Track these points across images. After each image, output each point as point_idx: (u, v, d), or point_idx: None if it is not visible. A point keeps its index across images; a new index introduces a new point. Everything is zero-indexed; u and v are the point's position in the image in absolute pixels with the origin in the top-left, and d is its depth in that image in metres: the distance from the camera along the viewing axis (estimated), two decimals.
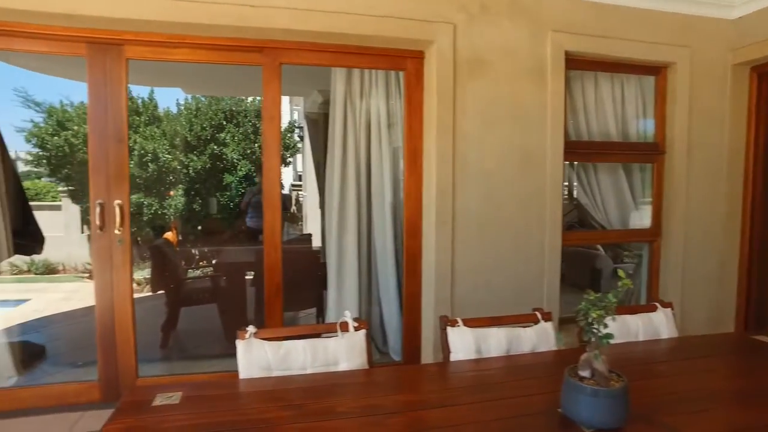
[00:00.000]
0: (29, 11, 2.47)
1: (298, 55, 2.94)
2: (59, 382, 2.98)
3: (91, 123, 2.75)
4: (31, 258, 8.83)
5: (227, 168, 9.85)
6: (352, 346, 1.88)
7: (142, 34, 2.73)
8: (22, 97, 10.65)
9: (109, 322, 2.84)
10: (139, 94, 9.94)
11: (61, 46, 2.70)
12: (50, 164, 9.51)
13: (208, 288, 4.72)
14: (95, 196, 2.75)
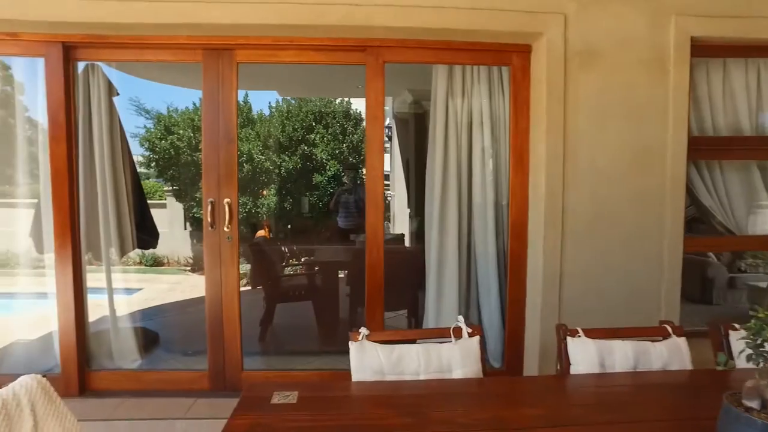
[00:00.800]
0: (160, 24, 2.64)
1: (400, 53, 2.91)
2: (174, 369, 3.17)
3: (205, 125, 2.89)
4: (143, 251, 9.61)
5: (316, 168, 10.14)
6: (466, 353, 1.80)
7: (252, 38, 2.82)
8: (136, 106, 11.67)
9: (218, 315, 2.97)
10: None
11: (182, 54, 2.87)
12: (158, 166, 10.30)
13: (304, 285, 4.85)
14: (207, 195, 2.89)
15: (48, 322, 3.31)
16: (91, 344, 3.19)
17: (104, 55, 2.97)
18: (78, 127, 3.00)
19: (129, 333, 3.59)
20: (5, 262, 4.57)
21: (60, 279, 2.93)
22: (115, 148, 3.24)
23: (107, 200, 3.15)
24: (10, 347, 3.55)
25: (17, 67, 3.66)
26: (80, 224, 3.00)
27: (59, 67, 2.85)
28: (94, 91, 3.21)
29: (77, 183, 2.98)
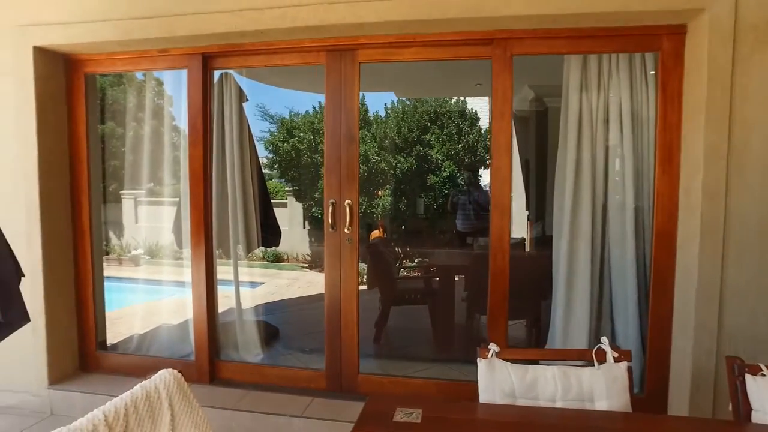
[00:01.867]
0: (287, 28, 2.70)
1: (530, 45, 2.68)
2: (293, 366, 3.25)
3: (327, 126, 2.91)
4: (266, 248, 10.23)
5: (431, 169, 10.05)
6: (611, 382, 1.55)
7: (374, 36, 2.78)
8: (261, 111, 12.53)
9: (336, 317, 2.98)
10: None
11: (307, 56, 2.92)
12: (280, 167, 10.92)
13: (420, 289, 4.77)
14: (328, 196, 2.90)
15: (186, 310, 3.59)
16: (220, 335, 3.38)
17: (237, 62, 3.13)
18: (212, 131, 3.19)
19: (253, 326, 3.77)
20: (154, 253, 5.09)
21: (195, 273, 3.14)
22: (244, 151, 3.41)
23: (236, 200, 3.32)
24: (157, 330, 3.89)
25: (168, 82, 4.05)
26: (212, 222, 3.19)
27: (199, 76, 3.05)
28: (227, 98, 3.40)
29: (211, 184, 3.17)
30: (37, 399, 3.18)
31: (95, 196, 3.37)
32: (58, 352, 3.23)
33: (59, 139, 3.21)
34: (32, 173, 3.04)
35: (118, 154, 4.18)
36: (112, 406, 1.23)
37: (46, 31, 2.99)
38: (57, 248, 3.20)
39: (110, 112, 5.65)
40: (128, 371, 3.32)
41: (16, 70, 3.05)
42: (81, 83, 3.24)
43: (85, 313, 3.34)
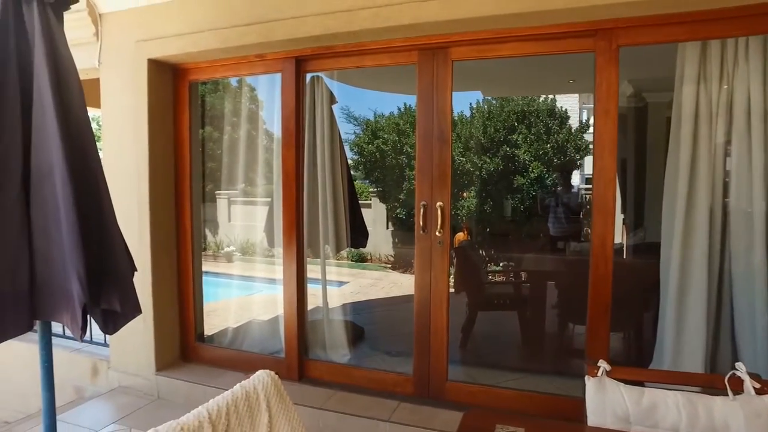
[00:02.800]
0: (379, 28, 2.67)
1: (641, 33, 2.45)
2: (380, 369, 3.22)
3: (420, 127, 2.86)
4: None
5: (518, 170, 9.70)
6: (753, 417, 1.35)
7: (468, 33, 2.68)
8: (346, 114, 12.80)
9: (425, 321, 2.91)
10: None
11: (399, 56, 2.89)
12: (365, 168, 11.06)
13: (509, 294, 4.59)
14: (420, 198, 2.85)
15: (275, 307, 3.70)
16: (308, 333, 3.44)
17: (329, 64, 3.17)
18: (304, 134, 3.25)
19: (340, 326, 3.81)
20: (245, 250, 5.33)
21: (286, 272, 3.22)
22: (334, 153, 3.45)
23: (327, 201, 3.37)
24: (248, 325, 4.06)
25: (259, 88, 4.22)
26: (303, 222, 3.25)
27: (292, 79, 3.12)
28: (318, 101, 3.46)
29: (303, 185, 3.24)
30: (147, 382, 3.43)
31: (196, 196, 3.57)
32: (163, 342, 3.45)
33: (166, 143, 3.43)
34: (144, 175, 3.29)
35: (214, 156, 4.41)
36: (215, 404, 1.25)
37: (159, 44, 3.21)
38: (163, 245, 3.43)
39: (207, 118, 6.04)
40: (223, 363, 3.48)
41: (133, 82, 3.30)
42: (186, 91, 3.44)
43: (186, 306, 3.55)
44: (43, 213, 1.90)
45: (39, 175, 1.90)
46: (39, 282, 1.90)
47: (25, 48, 1.95)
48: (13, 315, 1.86)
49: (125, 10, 3.33)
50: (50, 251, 1.88)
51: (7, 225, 1.85)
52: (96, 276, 1.89)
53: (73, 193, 1.84)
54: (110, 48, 3.40)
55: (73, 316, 1.85)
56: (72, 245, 1.82)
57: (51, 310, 1.92)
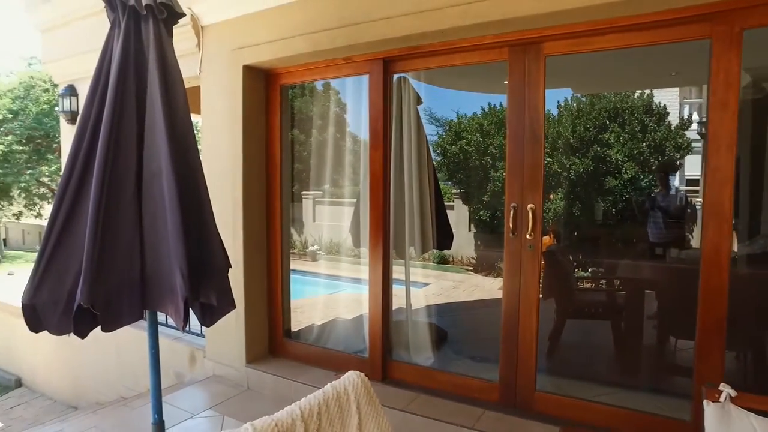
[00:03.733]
0: (469, 26, 2.61)
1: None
2: (464, 374, 3.14)
3: (510, 126, 2.76)
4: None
5: (610, 171, 9.14)
6: None
7: (563, 26, 2.54)
8: (428, 115, 12.74)
9: (514, 327, 2.80)
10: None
11: (488, 54, 2.81)
12: (448, 170, 10.95)
13: (601, 302, 4.31)
14: (510, 199, 2.74)
15: (358, 306, 3.73)
16: (392, 334, 3.44)
17: (416, 64, 3.14)
18: (391, 135, 3.26)
19: (423, 328, 3.78)
20: (328, 249, 5.46)
21: (372, 272, 3.23)
22: (421, 154, 3.43)
23: (413, 202, 3.35)
24: (332, 323, 4.14)
25: (344, 91, 4.30)
26: (390, 223, 3.26)
27: (380, 80, 3.14)
28: (405, 101, 3.45)
29: (390, 186, 3.24)
30: (238, 373, 3.60)
31: (285, 196, 3.70)
32: (253, 336, 3.61)
33: (259, 145, 3.59)
34: (238, 176, 3.46)
35: (299, 158, 4.56)
36: (307, 402, 1.26)
37: (253, 51, 3.36)
38: (254, 243, 3.59)
39: (293, 120, 6.27)
40: (308, 360, 3.57)
41: (229, 88, 3.49)
42: (277, 94, 3.58)
43: (275, 303, 3.69)
44: (152, 211, 2.05)
45: (149, 175, 2.05)
46: (148, 275, 2.05)
47: (141, 60, 2.11)
48: (128, 305, 2.02)
49: (223, 21, 3.52)
50: (158, 247, 2.02)
51: (124, 222, 2.01)
52: (196, 271, 2.00)
53: (177, 192, 1.97)
54: (210, 57, 3.61)
55: (177, 308, 1.97)
56: (176, 242, 1.94)
57: (158, 301, 2.06)
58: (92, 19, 4.71)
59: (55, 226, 2.03)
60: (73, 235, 2.02)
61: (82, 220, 2.01)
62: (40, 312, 2.04)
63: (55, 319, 2.04)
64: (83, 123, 2.09)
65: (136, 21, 2.17)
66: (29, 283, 2.04)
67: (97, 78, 2.14)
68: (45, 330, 2.07)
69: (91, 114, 2.08)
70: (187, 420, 3.16)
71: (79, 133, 2.09)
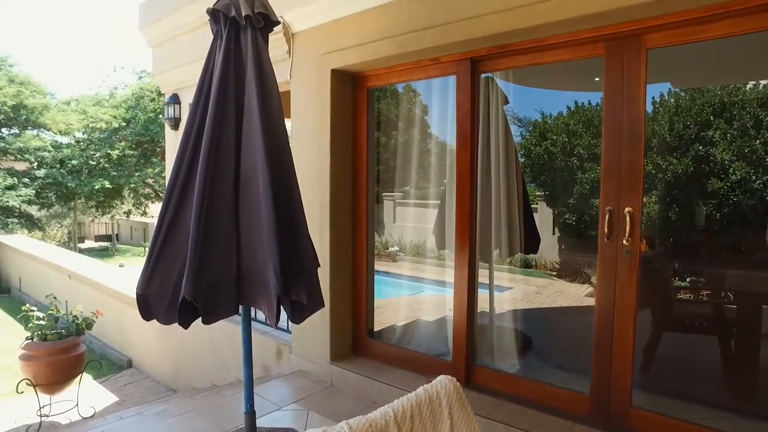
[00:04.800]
0: (562, 21, 2.50)
1: None
2: (552, 383, 3.01)
3: (606, 125, 2.61)
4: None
5: (714, 171, 8.37)
6: None
7: (669, 15, 2.36)
8: (510, 115, 12.39)
9: (607, 337, 2.64)
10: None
11: (582, 49, 2.68)
12: (532, 171, 10.59)
13: (706, 315, 3.96)
14: (605, 202, 2.59)
15: (440, 308, 3.70)
16: (476, 338, 3.37)
17: (505, 63, 3.06)
18: (478, 135, 3.20)
19: (507, 334, 3.67)
20: (408, 250, 5.47)
21: (457, 275, 3.19)
22: (508, 155, 3.34)
23: (500, 204, 3.26)
24: (413, 324, 4.15)
25: (426, 92, 4.28)
26: (476, 226, 3.20)
27: (468, 80, 3.09)
28: (492, 101, 3.37)
29: (477, 188, 3.18)
30: (322, 370, 3.71)
31: (371, 197, 3.75)
32: (338, 334, 3.70)
33: (345, 147, 3.67)
34: (326, 177, 3.56)
35: (380, 159, 4.60)
36: (400, 405, 1.26)
37: (341, 55, 3.45)
38: (340, 243, 3.67)
39: (377, 123, 6.36)
40: (390, 360, 3.59)
41: (318, 92, 3.61)
42: (364, 97, 3.64)
43: (359, 302, 3.75)
44: (247, 210, 2.16)
45: (246, 176, 2.17)
46: (244, 272, 2.16)
47: (240, 67, 2.23)
48: (225, 300, 2.15)
49: (313, 27, 3.64)
50: (253, 245, 2.13)
51: (223, 221, 2.13)
52: (288, 270, 2.08)
53: (272, 193, 2.06)
54: (299, 63, 3.75)
55: (270, 304, 2.06)
56: (270, 240, 2.03)
57: (252, 297, 2.17)
58: (195, 33, 5.08)
59: (163, 225, 2.20)
60: (179, 234, 2.18)
61: (186, 220, 2.16)
62: (151, 302, 2.22)
63: (163, 310, 2.22)
64: (188, 127, 2.25)
65: (236, 31, 2.31)
66: (141, 276, 2.23)
67: (201, 85, 2.30)
68: (154, 319, 2.25)
69: (195, 119, 2.24)
70: (274, 412, 3.30)
71: (184, 137, 2.26)
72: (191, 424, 3.34)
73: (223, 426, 3.14)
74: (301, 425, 3.09)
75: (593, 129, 7.93)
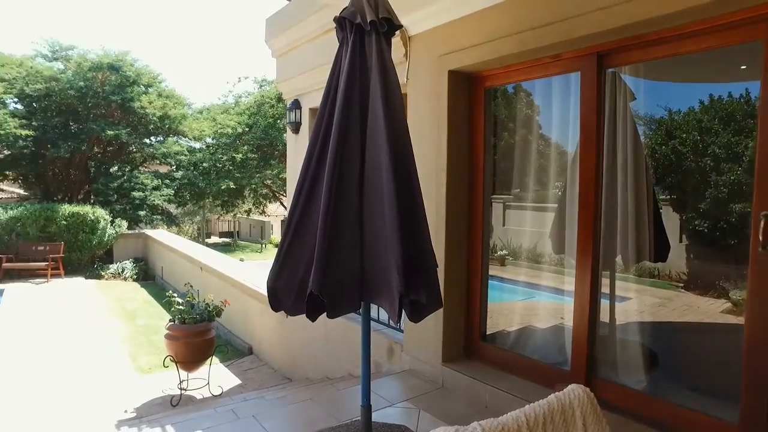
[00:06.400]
0: (706, 4, 2.26)
1: None
2: (688, 407, 2.73)
3: (763, 118, 2.30)
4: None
5: None
6: None
7: None
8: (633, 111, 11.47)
9: (762, 360, 2.34)
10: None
11: (733, 35, 2.40)
12: (656, 173, 9.73)
13: None
14: (759, 206, 2.30)
15: (554, 316, 3.52)
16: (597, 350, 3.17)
17: (635, 57, 2.85)
18: (603, 135, 3.00)
19: (631, 347, 3.41)
20: (517, 255, 5.29)
21: (578, 281, 3.03)
22: (637, 156, 3.10)
23: (627, 208, 3.04)
24: (525, 330, 4.00)
25: (544, 91, 4.10)
26: (600, 230, 3.01)
27: (593, 77, 2.92)
28: (620, 98, 3.15)
29: (601, 190, 2.99)
30: (433, 370, 3.72)
31: (487, 199, 3.69)
32: (450, 336, 3.69)
33: (461, 148, 3.65)
34: (442, 178, 3.57)
35: (491, 161, 4.48)
36: (532, 411, 1.22)
37: (458, 56, 3.44)
38: (455, 244, 3.66)
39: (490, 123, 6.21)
40: (503, 365, 3.50)
41: (434, 93, 3.63)
42: (481, 97, 3.59)
43: (472, 305, 3.71)
44: (371, 208, 2.23)
45: (370, 177, 2.23)
46: (367, 269, 2.23)
47: (365, 71, 2.31)
48: (349, 295, 2.23)
49: (430, 30, 3.67)
50: (376, 244, 2.19)
51: (348, 219, 2.22)
52: (410, 268, 2.11)
53: (395, 191, 2.10)
54: (416, 65, 3.80)
55: (392, 302, 2.11)
56: (393, 240, 2.07)
57: (374, 294, 2.23)
58: (316, 42, 5.38)
59: (292, 223, 2.34)
60: (306, 230, 2.31)
61: (313, 218, 2.28)
62: (280, 295, 2.38)
63: (290, 302, 2.36)
64: (316, 130, 2.37)
65: (361, 37, 2.39)
66: (272, 269, 2.39)
67: (328, 89, 2.41)
68: (282, 310, 2.40)
69: (323, 122, 2.36)
70: (386, 408, 3.36)
71: (312, 139, 2.39)
72: (309, 411, 3.53)
73: (338, 417, 3.28)
74: (413, 424, 3.12)
75: (734, 125, 7.09)
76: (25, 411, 5.14)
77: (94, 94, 15.21)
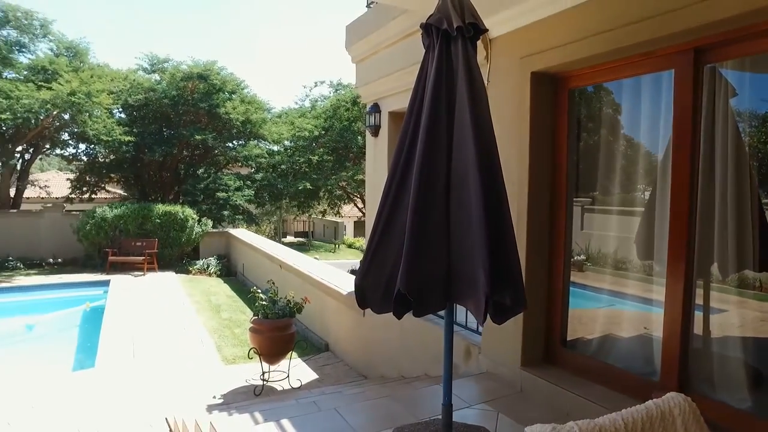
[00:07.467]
0: None
1: None
2: None
3: None
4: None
5: None
6: None
7: None
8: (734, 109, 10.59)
9: None
10: None
11: None
12: (758, 174, 8.96)
13: None
14: None
15: (636, 325, 3.37)
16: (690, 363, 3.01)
17: (737, 51, 2.68)
18: (700, 134, 2.85)
19: (731, 363, 3.18)
20: (596, 260, 5.08)
21: (670, 290, 2.89)
22: (739, 156, 2.90)
23: (726, 212, 2.86)
24: (606, 338, 3.85)
25: (632, 90, 3.92)
26: (695, 236, 2.85)
27: (689, 74, 2.78)
28: (719, 94, 2.97)
29: (697, 193, 2.84)
30: (511, 374, 3.69)
31: (569, 202, 3.61)
32: (530, 340, 3.64)
33: (544, 150, 3.59)
34: (524, 181, 3.54)
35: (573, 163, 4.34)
36: (630, 415, 1.22)
37: (541, 57, 3.39)
38: (536, 248, 3.61)
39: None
40: (585, 373, 3.41)
41: (516, 95, 3.60)
42: (564, 99, 3.52)
43: (553, 309, 3.63)
44: (458, 210, 2.27)
45: (457, 177, 2.28)
46: (453, 270, 2.27)
47: (451, 76, 2.36)
48: (435, 295, 2.29)
49: (511, 32, 3.65)
50: (463, 245, 2.22)
51: (435, 220, 2.28)
52: (495, 270, 2.12)
53: (483, 194, 2.13)
54: (497, 67, 3.79)
55: (477, 303, 2.13)
56: (481, 242, 2.10)
57: (460, 295, 2.27)
58: (394, 47, 5.48)
59: (380, 223, 2.43)
60: (393, 231, 2.39)
61: (400, 219, 2.36)
62: (366, 293, 2.48)
63: (377, 300, 2.45)
64: (403, 133, 2.45)
65: (447, 42, 2.44)
66: (359, 269, 2.50)
67: (415, 94, 2.48)
68: (369, 308, 2.50)
69: (410, 126, 2.43)
70: (464, 409, 3.38)
71: (399, 142, 2.46)
72: (387, 408, 3.61)
73: (417, 414, 3.34)
74: (492, 426, 3.11)
75: None
76: (127, 385, 5.67)
77: (185, 102, 16.41)
